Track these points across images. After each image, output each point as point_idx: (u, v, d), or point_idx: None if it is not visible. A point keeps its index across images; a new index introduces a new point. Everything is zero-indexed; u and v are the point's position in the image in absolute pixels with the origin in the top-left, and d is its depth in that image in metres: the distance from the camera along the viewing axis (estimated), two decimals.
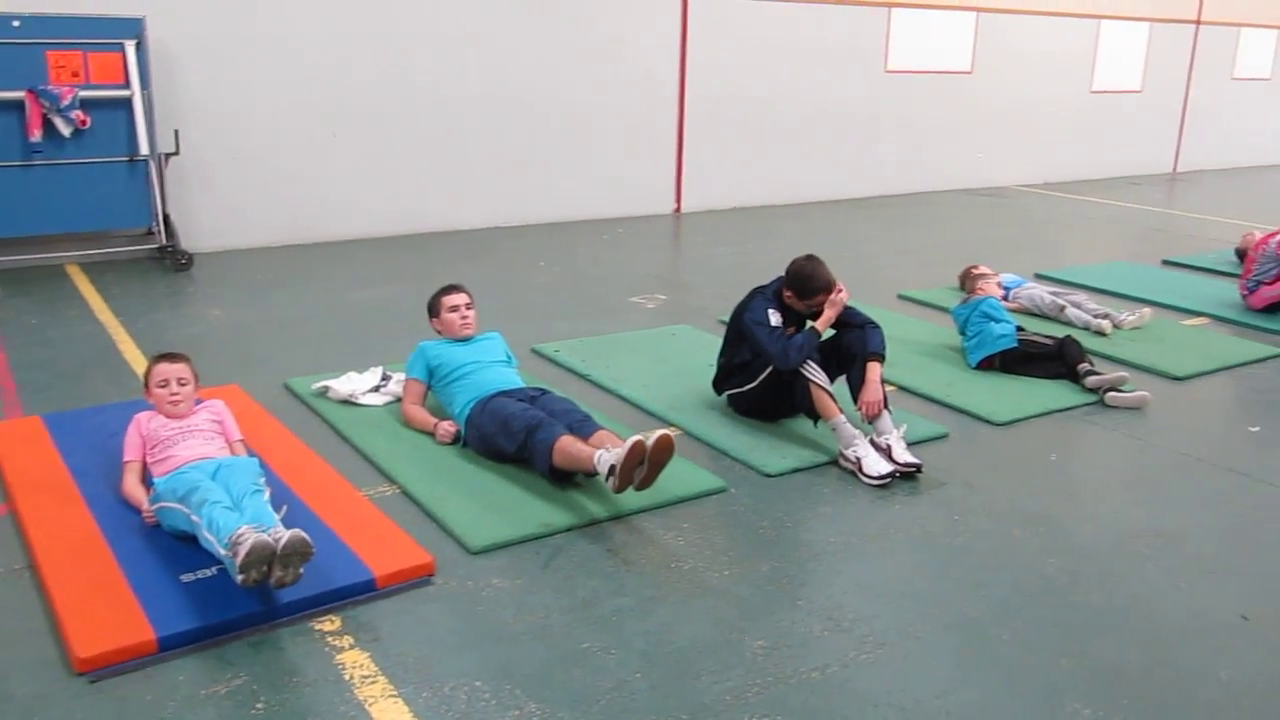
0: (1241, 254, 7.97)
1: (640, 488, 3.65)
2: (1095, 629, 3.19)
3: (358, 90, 8.44)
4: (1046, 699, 2.84)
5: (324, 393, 4.88)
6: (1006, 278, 6.86)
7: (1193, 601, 3.38)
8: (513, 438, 3.98)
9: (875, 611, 3.23)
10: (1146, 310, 6.44)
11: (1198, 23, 14.30)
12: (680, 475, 4.02)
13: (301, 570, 2.99)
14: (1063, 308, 6.41)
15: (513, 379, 4.47)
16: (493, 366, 4.51)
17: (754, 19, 10.31)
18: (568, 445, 3.80)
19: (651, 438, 3.57)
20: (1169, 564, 3.62)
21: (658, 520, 3.79)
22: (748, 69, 10.41)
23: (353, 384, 4.90)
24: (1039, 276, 7.68)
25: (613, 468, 3.58)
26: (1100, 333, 6.14)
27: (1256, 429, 5.03)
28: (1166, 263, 8.60)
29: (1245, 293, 6.89)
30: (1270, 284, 6.71)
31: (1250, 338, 6.39)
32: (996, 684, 2.90)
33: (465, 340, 4.63)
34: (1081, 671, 2.97)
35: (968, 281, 6.05)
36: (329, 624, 3.10)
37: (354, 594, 3.21)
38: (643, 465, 3.58)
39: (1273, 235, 6.81)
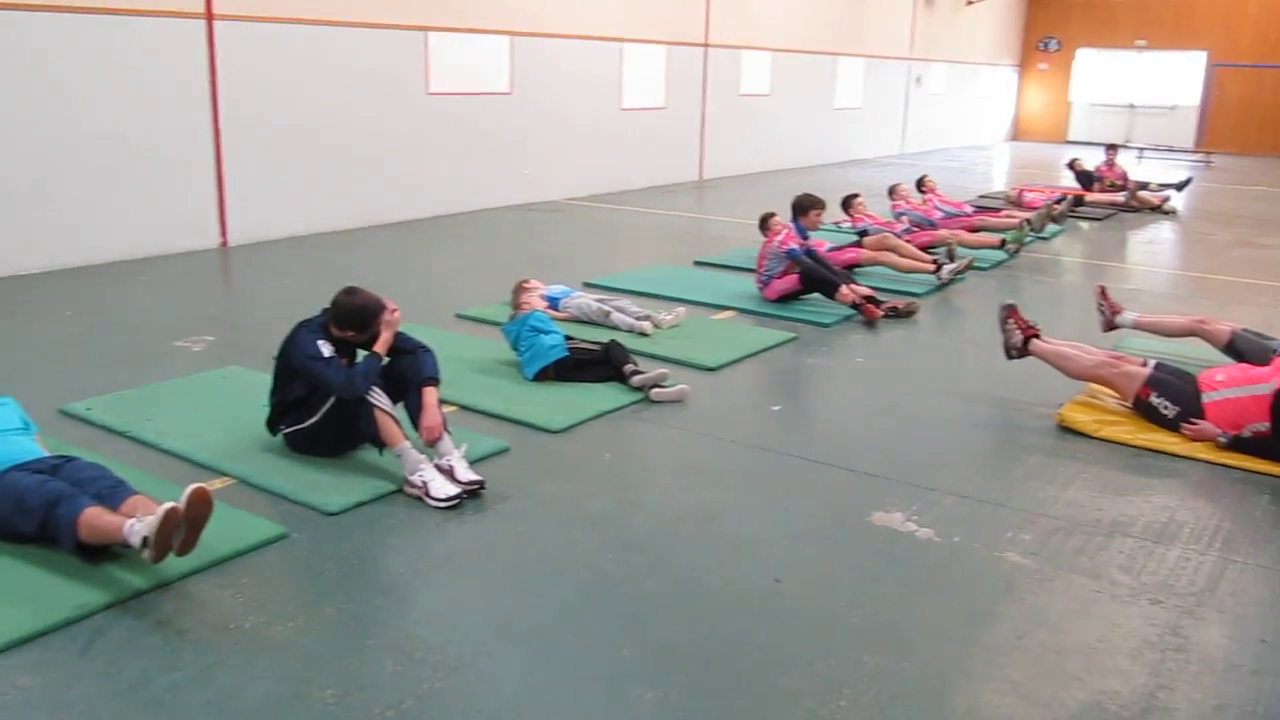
0: (765, 224, 8.60)
1: (182, 551, 3.39)
2: (652, 615, 3.41)
3: None
4: (612, 690, 2.99)
5: None
6: (556, 289, 7.17)
7: (733, 573, 3.72)
8: (30, 516, 3.54)
9: (447, 637, 3.24)
10: (681, 309, 7.01)
11: (706, 45, 15.78)
12: (234, 527, 3.79)
13: None
14: (608, 313, 6.81)
15: (30, 449, 3.98)
16: (5, 436, 3.99)
17: (289, 43, 9.97)
18: (94, 518, 3.44)
19: (184, 498, 3.33)
20: (712, 542, 3.96)
21: (212, 580, 3.54)
22: (288, 95, 10.05)
23: None
24: (587, 285, 8.09)
25: (146, 539, 3.30)
26: (643, 333, 6.59)
27: (778, 407, 5.64)
28: (697, 263, 9.42)
29: (760, 285, 7.72)
30: (779, 277, 7.57)
31: (768, 325, 7.15)
32: (565, 685, 3.01)
33: None
34: (642, 658, 3.16)
35: (514, 297, 6.25)
36: None
37: None
38: (181, 528, 3.33)
39: (776, 235, 7.67)
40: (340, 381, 4.33)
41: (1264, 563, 3.98)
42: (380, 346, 4.48)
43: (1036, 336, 5.70)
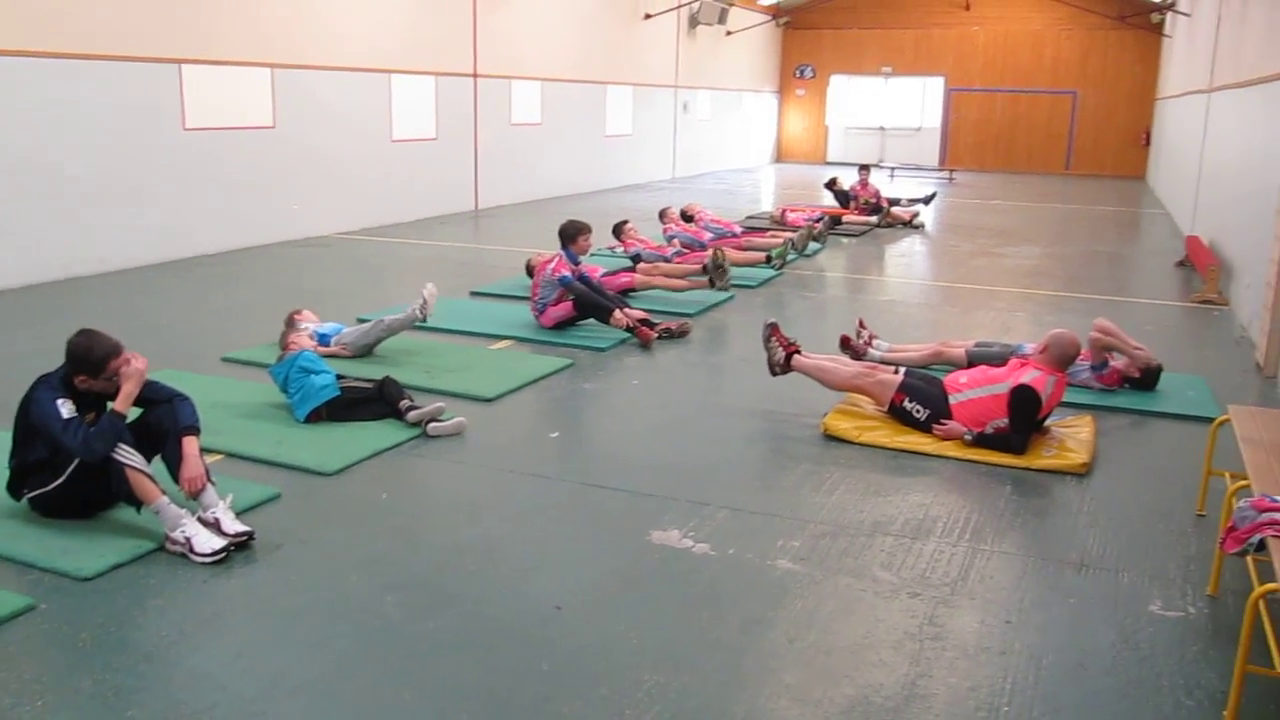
0: (530, 270, 8.75)
1: None
2: (433, 654, 3.37)
3: None
4: None
5: None
6: (329, 326, 6.99)
7: (515, 604, 3.71)
8: None
9: (215, 700, 3.09)
10: (431, 285, 6.94)
11: (475, 76, 15.76)
12: None
13: None
14: (382, 320, 6.79)
15: None
16: None
17: (26, 78, 9.29)
18: None
19: None
20: (493, 575, 3.94)
21: None
22: (27, 133, 9.35)
23: None
24: (360, 320, 7.89)
25: None
26: (422, 319, 6.74)
27: (556, 434, 5.68)
28: (474, 293, 9.37)
29: (536, 313, 7.77)
30: (554, 305, 7.64)
31: (546, 353, 7.20)
32: None
33: None
34: (423, 700, 3.11)
35: (282, 335, 6.05)
36: None
37: None
38: None
39: (549, 262, 7.75)
40: (77, 444, 4.06)
41: (1007, 549, 4.30)
42: (120, 402, 4.18)
43: (797, 352, 5.99)
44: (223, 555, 3.97)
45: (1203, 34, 15.53)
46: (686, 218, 11.70)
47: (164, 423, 4.29)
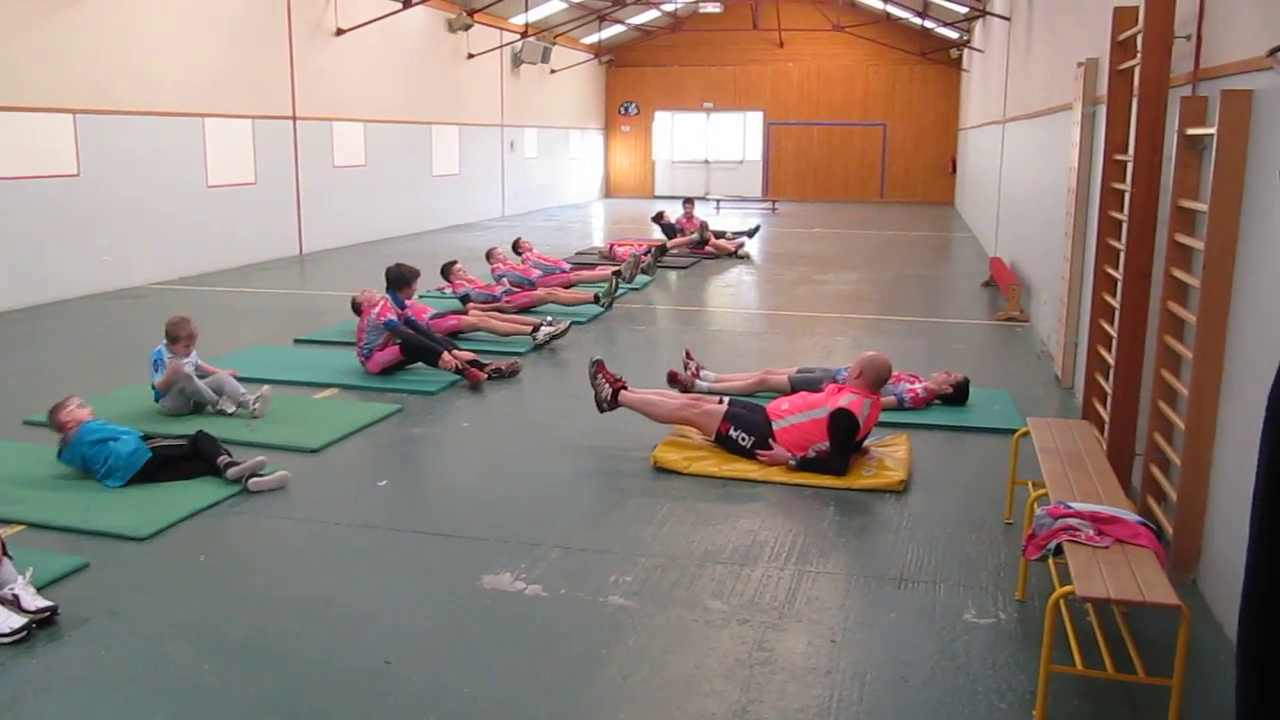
0: (357, 308, 8.44)
1: None
2: None
3: None
4: None
5: None
6: (188, 362, 6.70)
7: (341, 663, 3.61)
8: None
9: None
10: (266, 388, 6.69)
11: (294, 118, 15.40)
12: None
13: None
14: (221, 382, 6.53)
15: None
16: None
17: None
18: None
19: None
20: (319, 633, 3.83)
21: None
22: None
23: None
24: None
25: None
26: (252, 415, 6.35)
27: (384, 483, 5.57)
28: (298, 341, 9.11)
29: (362, 359, 7.61)
30: (380, 349, 7.51)
31: (373, 399, 7.05)
32: None
33: None
34: None
35: (53, 416, 5.46)
36: None
37: None
38: None
39: (373, 307, 7.61)
40: None
41: (832, 569, 4.44)
42: None
43: (624, 388, 6.06)
44: (23, 634, 3.74)
45: (995, 69, 16.56)
46: (516, 250, 11.73)
47: None
